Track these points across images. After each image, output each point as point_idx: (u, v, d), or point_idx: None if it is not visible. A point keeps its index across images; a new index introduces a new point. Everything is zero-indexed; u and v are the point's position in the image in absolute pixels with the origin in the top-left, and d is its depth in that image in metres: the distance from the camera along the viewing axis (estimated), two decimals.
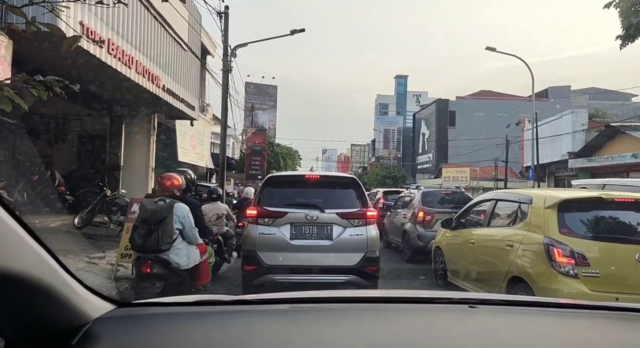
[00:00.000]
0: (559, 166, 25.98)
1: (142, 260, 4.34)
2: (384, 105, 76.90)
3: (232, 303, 1.22)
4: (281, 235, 5.21)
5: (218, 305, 1.20)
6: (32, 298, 0.81)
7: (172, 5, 10.52)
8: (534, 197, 4.50)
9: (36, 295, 0.81)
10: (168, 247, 4.28)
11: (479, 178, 35.48)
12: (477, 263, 5.34)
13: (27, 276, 0.76)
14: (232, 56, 14.55)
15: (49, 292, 0.82)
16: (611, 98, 42.98)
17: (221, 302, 1.22)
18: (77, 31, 6.89)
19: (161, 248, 4.26)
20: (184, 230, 4.46)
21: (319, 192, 5.71)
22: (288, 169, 33.86)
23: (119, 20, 8.28)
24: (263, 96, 52.15)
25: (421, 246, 9.16)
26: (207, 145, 21.51)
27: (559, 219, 4.06)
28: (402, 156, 59.68)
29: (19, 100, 2.42)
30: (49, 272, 0.83)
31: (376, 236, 5.47)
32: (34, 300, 0.82)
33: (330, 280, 5.19)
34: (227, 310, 1.18)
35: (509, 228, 4.75)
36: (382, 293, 2.41)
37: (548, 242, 3.97)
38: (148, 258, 4.29)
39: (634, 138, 20.23)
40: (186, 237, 4.51)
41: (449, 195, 10.41)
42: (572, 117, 25.20)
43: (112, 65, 8.12)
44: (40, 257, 0.81)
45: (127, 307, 1.12)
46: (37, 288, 0.79)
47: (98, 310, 1.01)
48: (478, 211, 6.02)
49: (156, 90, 10.28)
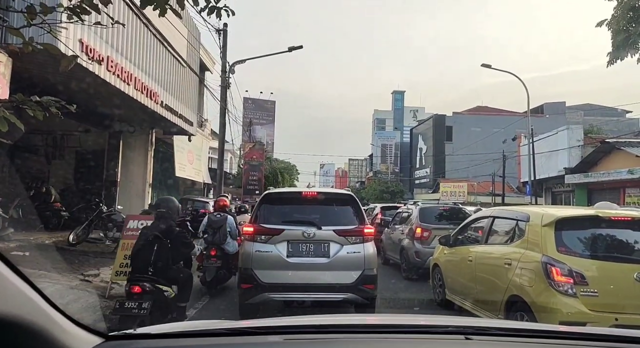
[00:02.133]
0: (556, 181, 26.07)
1: (208, 249, 6.89)
2: (381, 120, 77.41)
3: (224, 333, 1.20)
4: (278, 253, 5.16)
5: (209, 337, 1.17)
6: (17, 337, 0.79)
7: (171, 23, 10.66)
8: (531, 215, 4.49)
9: (21, 334, 0.79)
10: (225, 241, 7.03)
11: (476, 193, 35.51)
12: (475, 281, 5.30)
13: (11, 316, 0.74)
14: (230, 72, 14.68)
15: (35, 330, 0.80)
16: (606, 114, 43.39)
17: (213, 333, 1.20)
18: (77, 49, 6.95)
19: (221, 242, 6.98)
20: (231, 232, 7.19)
21: (316, 209, 5.68)
22: (286, 183, 33.80)
23: (118, 38, 8.36)
24: (261, 111, 52.35)
25: (419, 263, 9.09)
26: (205, 160, 21.52)
27: (556, 237, 4.04)
28: (399, 171, 59.81)
29: (15, 120, 2.42)
30: (34, 310, 0.81)
31: (374, 253, 5.41)
32: (19, 340, 0.80)
33: (327, 298, 5.13)
34: (219, 343, 1.15)
35: (507, 246, 4.73)
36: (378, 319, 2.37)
37: (546, 260, 3.95)
38: (213, 247, 6.85)
39: (629, 154, 20.36)
40: (232, 236, 7.23)
41: (447, 211, 10.38)
42: (568, 133, 25.39)
43: (111, 82, 8.17)
44: (24, 295, 0.79)
45: (115, 340, 1.09)
46: (23, 328, 0.78)
47: (85, 344, 0.99)
48: (476, 228, 6.00)
49: (154, 106, 10.32)
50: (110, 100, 9.65)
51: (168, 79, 11.29)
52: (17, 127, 2.35)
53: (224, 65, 14.38)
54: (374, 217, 14.05)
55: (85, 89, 8.35)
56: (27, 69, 7.34)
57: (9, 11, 3.84)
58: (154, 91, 10.10)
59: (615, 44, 11.13)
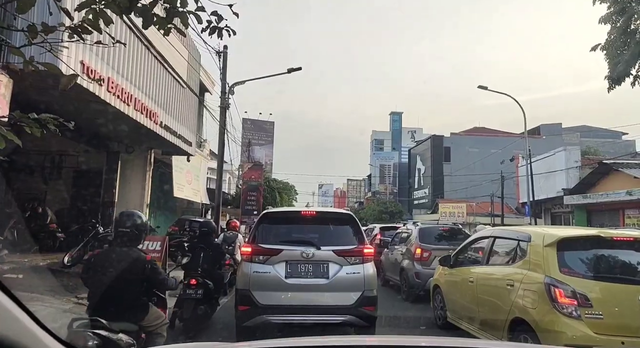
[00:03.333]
0: (555, 202, 26.04)
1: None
2: (379, 140, 77.82)
3: None
4: (276, 274, 5.05)
5: None
6: None
7: (172, 45, 10.80)
8: (533, 235, 4.44)
9: None
10: (235, 253, 8.38)
11: (475, 213, 35.41)
12: (477, 303, 5.21)
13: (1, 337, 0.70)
14: (230, 93, 14.81)
15: None
16: (602, 136, 43.70)
17: None
18: (77, 70, 7.00)
19: (234, 253, 8.37)
20: (240, 244, 8.52)
21: (315, 229, 5.59)
22: (284, 204, 33.66)
23: (119, 59, 8.44)
24: (260, 132, 52.72)
25: (419, 284, 8.97)
26: (203, 180, 21.47)
27: (558, 258, 3.99)
28: (398, 191, 59.77)
29: (12, 137, 2.39)
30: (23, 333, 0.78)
31: (373, 274, 5.31)
32: None
33: (326, 320, 5.02)
34: None
35: (509, 267, 4.66)
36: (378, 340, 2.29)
37: (549, 281, 3.89)
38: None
39: (627, 175, 20.42)
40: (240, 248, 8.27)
41: (447, 232, 10.33)
42: (565, 154, 25.54)
43: (112, 103, 8.19)
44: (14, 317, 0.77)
45: None
46: None
47: None
48: (476, 248, 5.94)
49: (154, 126, 10.35)
50: (110, 121, 9.68)
51: (168, 100, 11.35)
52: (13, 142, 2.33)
53: (223, 87, 14.52)
54: (372, 237, 13.91)
55: (85, 109, 8.39)
56: (27, 89, 7.39)
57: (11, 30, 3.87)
58: (153, 112, 10.14)
59: (612, 67, 11.29)
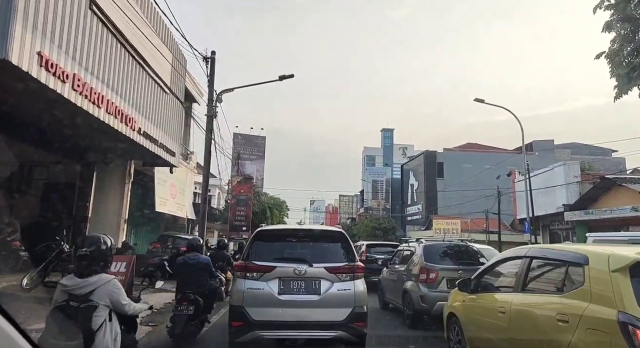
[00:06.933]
0: (554, 219, 25.26)
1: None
2: (371, 157, 77.22)
3: None
4: (269, 290, 5.19)
5: None
6: None
7: (155, 47, 9.88)
8: (590, 256, 3.49)
9: None
10: None
11: (470, 230, 34.56)
12: (511, 341, 4.22)
13: None
14: (218, 101, 13.88)
15: None
16: (592, 152, 43.62)
17: None
18: (34, 63, 6.03)
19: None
20: None
21: (307, 246, 5.75)
22: (275, 220, 32.53)
23: (88, 54, 7.48)
24: (251, 147, 51.86)
25: (425, 309, 7.96)
26: (189, 194, 20.35)
27: (634, 287, 3.04)
28: (391, 207, 58.84)
29: None
30: None
31: (364, 290, 5.44)
32: None
33: (318, 336, 5.15)
34: None
35: (558, 297, 3.68)
36: None
37: (626, 319, 2.93)
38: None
39: (631, 190, 19.70)
40: None
41: (454, 249, 9.30)
42: (564, 169, 24.91)
43: (77, 103, 7.20)
44: None
45: None
46: None
47: None
48: (505, 271, 4.97)
49: (130, 132, 9.34)
50: (80, 126, 8.66)
51: (147, 105, 10.36)
52: None
53: (210, 94, 13.58)
54: (360, 254, 13.74)
55: (49, 110, 7.39)
56: None
57: None
58: (129, 116, 9.14)
59: (617, 76, 10.72)
